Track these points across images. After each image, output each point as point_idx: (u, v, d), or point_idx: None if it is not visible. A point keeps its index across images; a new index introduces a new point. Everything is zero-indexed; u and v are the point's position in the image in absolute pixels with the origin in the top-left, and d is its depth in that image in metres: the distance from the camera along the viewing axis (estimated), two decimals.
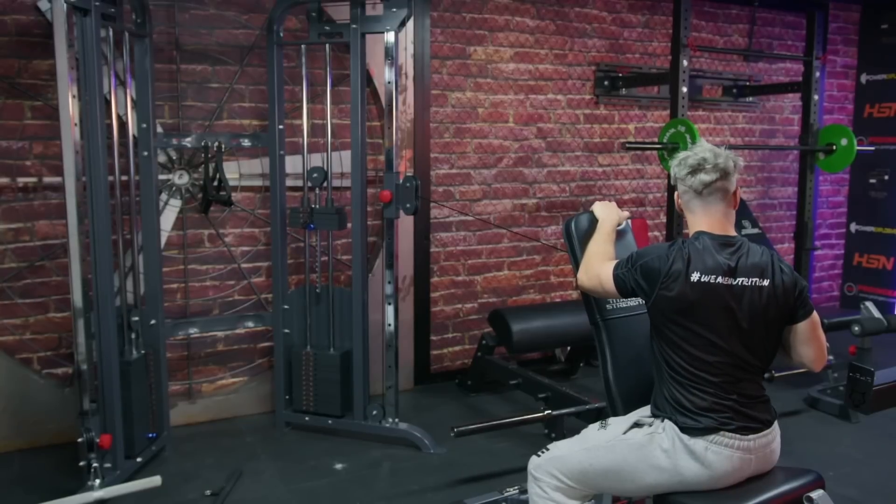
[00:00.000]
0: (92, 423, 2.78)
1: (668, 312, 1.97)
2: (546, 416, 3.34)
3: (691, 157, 2.04)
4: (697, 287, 1.94)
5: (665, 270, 1.96)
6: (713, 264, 1.95)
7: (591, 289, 2.18)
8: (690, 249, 1.98)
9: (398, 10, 3.26)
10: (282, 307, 3.56)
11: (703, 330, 1.95)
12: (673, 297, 1.94)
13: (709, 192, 2.02)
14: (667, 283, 1.95)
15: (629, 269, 2.05)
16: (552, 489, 2.10)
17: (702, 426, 1.94)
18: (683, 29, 4.06)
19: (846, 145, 4.59)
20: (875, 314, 3.43)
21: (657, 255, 2.00)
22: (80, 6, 2.69)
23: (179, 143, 3.47)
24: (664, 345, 2.01)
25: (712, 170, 2.00)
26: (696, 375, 1.96)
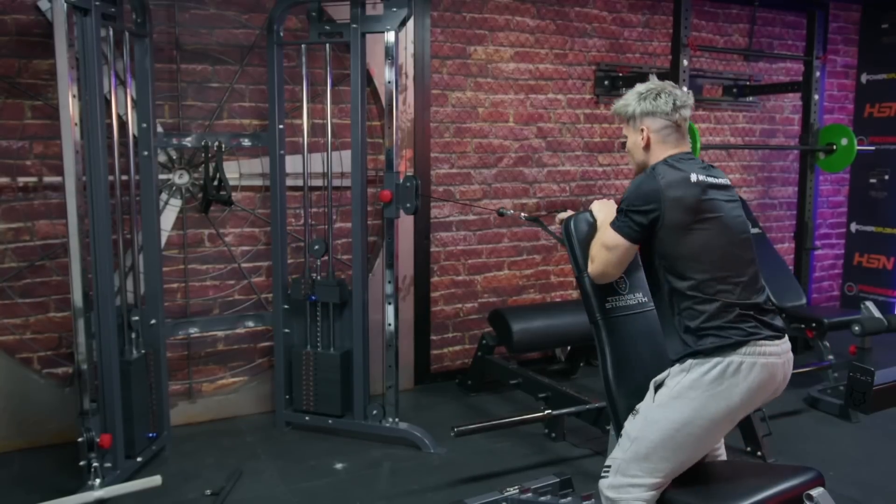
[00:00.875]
0: (92, 423, 2.78)
1: (684, 218, 2.02)
2: (546, 415, 3.34)
3: (666, 94, 2.16)
4: (698, 186, 2.04)
5: (662, 185, 2.03)
6: (699, 169, 2.09)
7: (604, 267, 2.12)
8: (674, 163, 2.09)
9: (398, 9, 3.26)
10: (282, 307, 3.56)
11: (715, 230, 2.03)
12: (684, 201, 2.01)
13: (684, 124, 2.19)
14: (670, 192, 2.02)
15: (625, 212, 2.07)
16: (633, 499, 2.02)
17: (733, 341, 1.98)
18: (684, 28, 4.06)
19: (846, 145, 4.60)
20: (875, 314, 3.44)
21: (641, 183, 2.07)
22: (80, 6, 2.69)
23: (179, 143, 3.47)
24: (685, 265, 2.03)
25: (688, 105, 2.18)
26: (719, 290, 2.01)
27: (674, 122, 2.17)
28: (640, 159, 2.23)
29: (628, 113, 2.21)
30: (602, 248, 2.12)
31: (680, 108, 2.16)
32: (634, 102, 2.19)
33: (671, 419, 2.00)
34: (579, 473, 3.07)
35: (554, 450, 3.41)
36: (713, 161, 5.22)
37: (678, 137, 2.18)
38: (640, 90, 2.20)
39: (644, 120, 2.18)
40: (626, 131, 2.26)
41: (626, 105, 2.22)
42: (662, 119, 2.16)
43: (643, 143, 2.19)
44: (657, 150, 2.18)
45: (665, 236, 2.04)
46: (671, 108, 2.15)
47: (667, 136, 2.17)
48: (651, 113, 2.16)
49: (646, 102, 2.17)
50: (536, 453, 3.38)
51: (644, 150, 2.20)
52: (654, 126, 2.17)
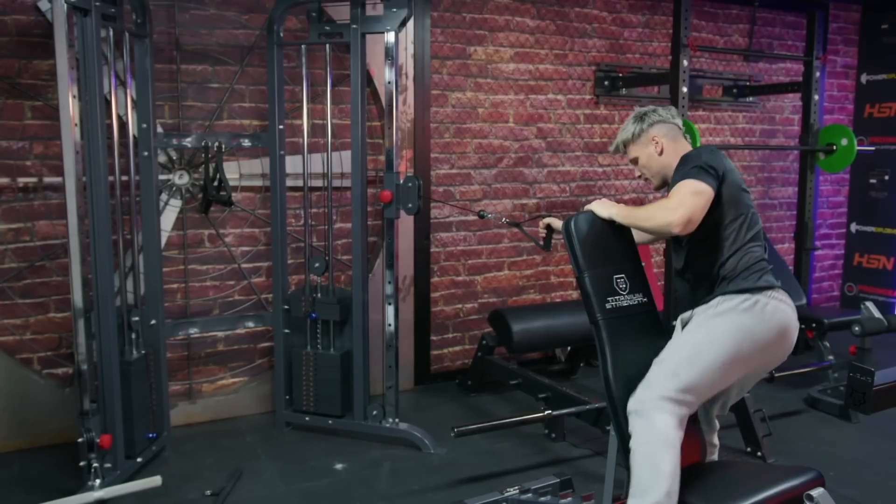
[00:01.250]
0: (92, 423, 2.78)
1: (732, 183, 2.27)
2: (546, 416, 3.34)
3: (662, 108, 2.50)
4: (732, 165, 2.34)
5: (719, 154, 2.31)
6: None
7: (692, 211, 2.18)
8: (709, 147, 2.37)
9: (398, 10, 3.26)
10: (282, 307, 3.56)
11: (747, 198, 2.32)
12: (732, 171, 2.29)
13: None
14: (725, 162, 2.29)
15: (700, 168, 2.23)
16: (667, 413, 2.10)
17: (766, 284, 2.26)
18: (684, 29, 4.06)
19: (846, 145, 4.60)
20: (875, 314, 3.43)
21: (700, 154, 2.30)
22: (80, 6, 2.69)
23: (180, 144, 3.47)
24: (735, 218, 2.29)
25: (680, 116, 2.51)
26: (752, 241, 2.30)
27: (676, 126, 2.46)
28: (658, 167, 2.46)
29: (634, 133, 2.47)
30: (690, 195, 2.19)
31: (676, 116, 2.48)
32: (635, 124, 2.47)
33: (698, 340, 2.21)
34: (579, 474, 3.07)
35: (554, 450, 3.41)
36: None
37: (684, 140, 2.46)
38: (633, 116, 2.49)
39: (651, 130, 2.45)
40: (636, 152, 2.49)
41: (626, 131, 2.49)
42: (667, 124, 2.45)
43: (658, 150, 2.43)
44: (671, 149, 2.42)
45: (725, 195, 2.26)
46: (671, 115, 2.47)
47: (675, 136, 2.44)
48: (656, 122, 2.44)
49: (648, 118, 2.46)
50: (536, 454, 3.38)
51: (660, 157, 2.44)
52: (662, 131, 2.44)
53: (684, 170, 2.26)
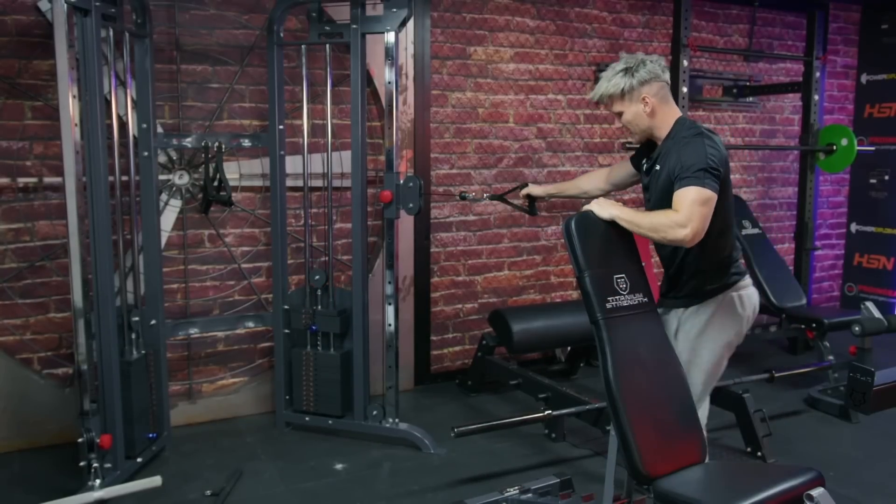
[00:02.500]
0: (92, 424, 2.78)
1: (726, 181, 2.26)
2: (546, 416, 3.34)
3: (650, 61, 2.35)
4: (727, 155, 2.31)
5: (724, 153, 2.27)
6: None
7: (703, 222, 2.15)
8: (709, 133, 2.29)
9: (398, 10, 3.26)
10: (282, 307, 3.56)
11: (730, 192, 2.34)
12: (728, 167, 2.29)
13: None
14: (727, 158, 2.28)
15: (706, 171, 2.17)
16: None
17: (737, 276, 2.40)
18: (684, 29, 4.07)
19: (846, 145, 4.60)
20: (875, 314, 3.43)
21: (707, 147, 2.21)
22: (80, 6, 2.69)
23: (180, 144, 3.47)
24: (720, 213, 2.24)
25: (666, 69, 2.41)
26: (727, 232, 2.36)
27: (666, 83, 2.37)
28: (645, 126, 2.38)
29: (623, 89, 2.35)
30: (699, 206, 2.14)
31: (665, 70, 2.38)
32: (625, 79, 2.34)
33: (704, 360, 2.42)
34: (579, 474, 3.07)
35: (554, 450, 3.41)
36: None
37: (670, 99, 2.38)
38: (622, 67, 2.36)
39: (642, 89, 2.33)
40: (622, 108, 2.39)
41: (616, 85, 2.36)
42: (658, 81, 2.34)
43: (648, 110, 2.34)
44: (662, 111, 2.35)
45: (722, 191, 2.24)
46: (661, 70, 2.35)
47: (665, 96, 2.35)
48: (647, 80, 2.32)
49: (639, 72, 2.32)
50: (536, 454, 3.38)
51: (650, 118, 2.35)
52: (654, 91, 2.33)
53: (690, 170, 2.17)
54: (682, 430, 2.26)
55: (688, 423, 2.28)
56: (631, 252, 2.37)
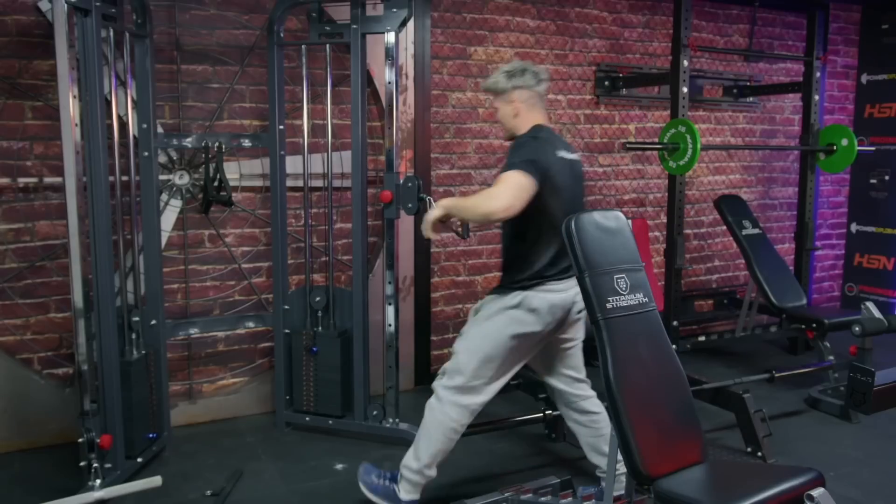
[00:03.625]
0: (92, 424, 2.78)
1: (546, 181, 2.46)
2: (546, 416, 3.34)
3: (531, 70, 2.63)
4: (558, 160, 2.53)
5: (547, 150, 2.52)
6: (561, 146, 2.60)
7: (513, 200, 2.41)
8: (547, 138, 2.57)
9: (398, 10, 3.26)
10: (282, 308, 3.56)
11: (557, 197, 2.51)
12: (551, 169, 2.49)
13: (545, 96, 2.69)
14: (548, 159, 2.49)
15: (525, 161, 2.45)
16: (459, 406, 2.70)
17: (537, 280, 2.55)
18: (684, 29, 4.06)
19: (847, 145, 4.60)
20: (876, 314, 3.43)
21: (527, 144, 2.53)
22: (80, 7, 2.69)
23: (180, 144, 3.47)
24: (543, 216, 2.51)
25: (545, 80, 2.67)
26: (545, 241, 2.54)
27: (536, 93, 2.64)
28: (510, 126, 2.68)
29: (500, 88, 2.65)
30: (513, 185, 2.42)
31: (541, 82, 2.64)
32: (504, 79, 2.63)
33: (480, 337, 2.62)
34: (579, 474, 3.07)
35: (554, 450, 3.41)
36: (713, 161, 5.23)
37: (540, 107, 2.66)
38: (507, 69, 2.65)
39: (514, 93, 2.62)
40: (497, 104, 2.70)
41: (496, 82, 2.66)
42: (527, 91, 2.62)
43: (514, 113, 2.64)
44: (525, 116, 2.63)
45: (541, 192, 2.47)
46: (534, 82, 2.62)
47: (532, 105, 2.63)
48: (519, 87, 2.61)
49: (514, 79, 2.62)
50: (536, 454, 3.38)
51: (514, 118, 2.65)
52: (523, 97, 2.62)
53: (513, 159, 2.46)
54: (682, 430, 2.26)
55: (688, 423, 2.28)
56: (631, 252, 2.37)
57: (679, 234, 4.22)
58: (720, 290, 5.35)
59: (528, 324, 2.56)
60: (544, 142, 2.54)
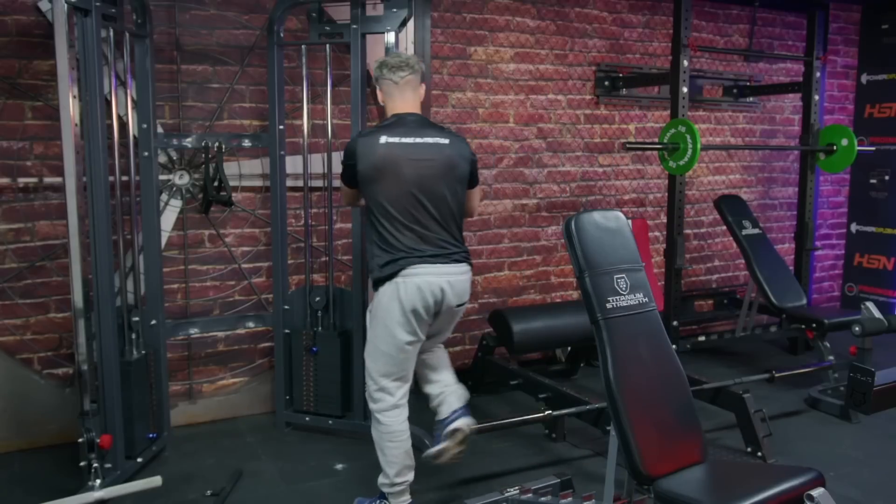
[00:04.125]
0: (92, 424, 2.78)
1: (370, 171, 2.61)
2: (546, 416, 3.34)
3: (388, 63, 2.74)
4: (384, 146, 2.61)
5: (358, 144, 2.65)
6: (411, 131, 2.66)
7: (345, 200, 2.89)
8: (382, 125, 2.73)
9: (398, 10, 3.26)
10: (282, 308, 3.56)
11: (393, 183, 2.60)
12: (370, 157, 2.61)
13: (404, 83, 2.74)
14: (361, 149, 2.63)
15: (343, 165, 2.69)
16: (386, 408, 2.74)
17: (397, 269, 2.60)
18: (684, 29, 4.07)
19: (847, 145, 4.60)
20: (876, 314, 3.44)
21: (350, 146, 2.69)
22: (80, 7, 2.69)
23: (180, 144, 3.47)
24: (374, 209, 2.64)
25: (403, 67, 2.73)
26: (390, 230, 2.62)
27: (395, 83, 2.74)
28: (385, 112, 2.84)
29: (374, 78, 2.82)
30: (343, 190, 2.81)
31: (395, 71, 2.72)
32: (376, 71, 2.79)
33: (371, 338, 2.75)
34: (579, 474, 3.07)
35: (554, 450, 3.41)
36: (713, 161, 5.23)
37: (400, 96, 2.75)
38: (380, 60, 2.79)
39: (379, 83, 2.79)
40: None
41: (374, 71, 2.81)
42: (387, 82, 2.75)
43: (382, 102, 2.82)
44: (387, 105, 2.79)
45: (361, 183, 2.66)
46: (390, 73, 2.73)
47: (391, 94, 2.76)
48: (379, 78, 2.77)
49: (377, 71, 2.77)
50: (536, 454, 3.38)
51: (385, 108, 2.81)
52: (384, 88, 2.77)
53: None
54: (682, 430, 2.26)
55: (688, 423, 2.28)
56: (631, 252, 2.37)
57: (679, 234, 4.22)
58: (720, 290, 5.35)
59: (395, 311, 2.62)
60: (375, 132, 2.67)
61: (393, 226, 2.60)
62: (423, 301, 2.59)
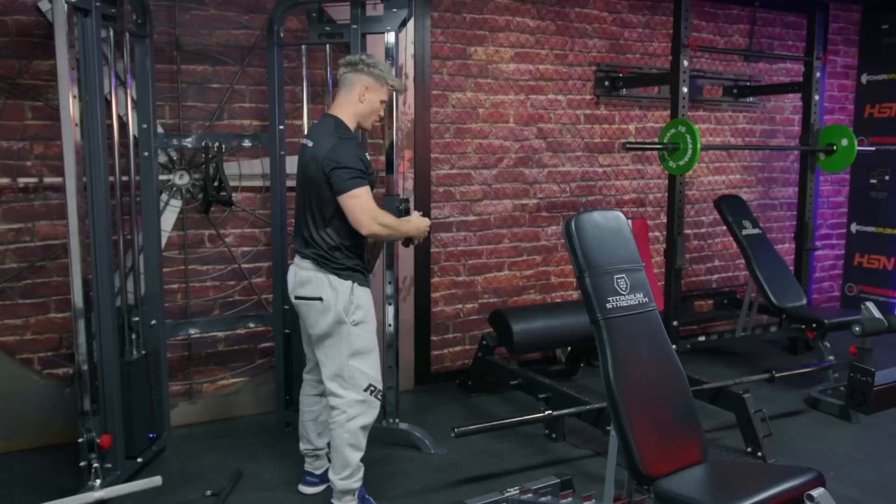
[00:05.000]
0: (92, 424, 2.78)
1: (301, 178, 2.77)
2: (546, 416, 3.34)
3: (348, 56, 2.78)
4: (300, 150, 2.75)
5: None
6: (312, 133, 2.73)
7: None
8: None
9: (398, 10, 3.26)
10: (282, 308, 3.56)
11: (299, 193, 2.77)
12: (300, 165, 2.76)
13: (340, 81, 2.77)
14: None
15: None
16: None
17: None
18: (684, 29, 4.07)
19: (847, 145, 4.60)
20: (876, 314, 3.44)
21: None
22: (80, 7, 2.69)
23: (180, 144, 3.47)
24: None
25: (347, 65, 2.74)
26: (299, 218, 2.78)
27: (338, 78, 2.78)
28: None
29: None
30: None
31: (340, 67, 2.75)
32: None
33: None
34: (580, 474, 3.07)
35: (554, 450, 3.41)
36: (713, 161, 5.23)
37: (335, 94, 2.80)
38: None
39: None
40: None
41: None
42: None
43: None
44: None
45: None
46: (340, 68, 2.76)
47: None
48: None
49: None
50: (537, 454, 3.38)
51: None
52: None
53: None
54: (682, 430, 2.26)
55: (688, 423, 2.28)
56: (631, 252, 2.37)
57: (679, 234, 4.22)
58: (720, 290, 5.35)
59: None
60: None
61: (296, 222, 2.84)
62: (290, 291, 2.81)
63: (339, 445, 2.72)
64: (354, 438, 2.72)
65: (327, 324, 2.68)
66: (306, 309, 2.73)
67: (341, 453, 2.72)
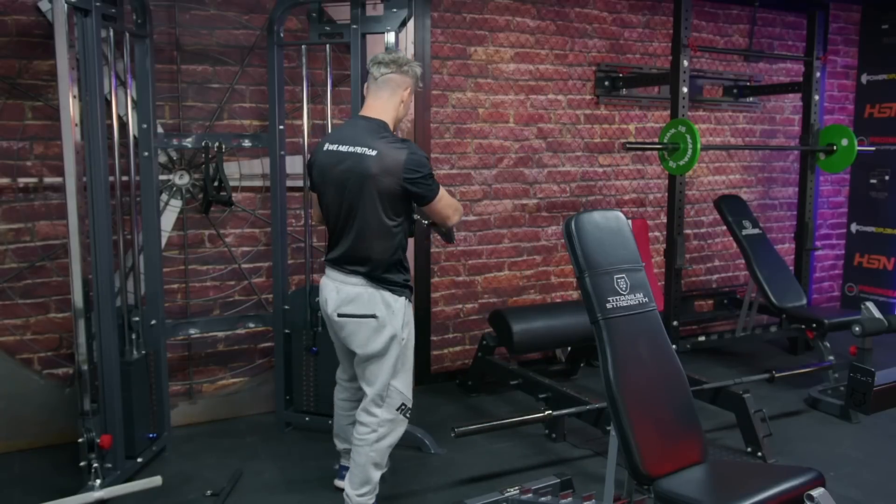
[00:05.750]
0: (92, 424, 2.79)
1: (315, 178, 2.66)
2: (546, 416, 3.34)
3: (384, 55, 2.61)
4: (324, 153, 2.58)
5: (313, 156, 2.65)
6: (346, 138, 2.56)
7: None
8: (336, 128, 2.75)
9: (398, 10, 3.26)
10: (282, 308, 3.56)
11: (326, 186, 2.60)
12: (314, 169, 2.65)
13: (382, 81, 2.59)
14: (313, 161, 2.64)
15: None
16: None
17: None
18: (684, 29, 4.07)
19: (847, 145, 4.60)
20: (875, 314, 3.44)
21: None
22: (80, 7, 2.69)
23: (180, 144, 3.47)
24: (322, 209, 2.64)
25: (377, 63, 2.58)
26: (330, 225, 2.68)
27: (373, 78, 2.61)
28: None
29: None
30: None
31: (378, 67, 2.58)
32: (367, 65, 2.67)
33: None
34: (580, 474, 3.07)
35: (554, 450, 3.41)
36: (713, 161, 5.23)
37: (371, 96, 2.63)
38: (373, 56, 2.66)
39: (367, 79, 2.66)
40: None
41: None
42: (369, 77, 2.62)
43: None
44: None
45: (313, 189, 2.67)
46: (374, 68, 2.60)
47: (366, 93, 2.66)
48: (367, 73, 2.64)
49: (367, 65, 2.64)
50: (537, 454, 3.38)
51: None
52: (367, 83, 2.65)
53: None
54: (682, 430, 2.26)
55: (688, 423, 2.28)
56: (631, 252, 2.37)
57: (679, 234, 4.22)
58: (720, 290, 5.35)
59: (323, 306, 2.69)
60: (326, 137, 2.65)
61: (330, 230, 2.67)
62: (322, 300, 2.73)
63: (363, 463, 2.62)
64: (380, 457, 2.66)
65: (381, 342, 2.54)
66: (355, 327, 2.56)
67: (364, 470, 2.63)
